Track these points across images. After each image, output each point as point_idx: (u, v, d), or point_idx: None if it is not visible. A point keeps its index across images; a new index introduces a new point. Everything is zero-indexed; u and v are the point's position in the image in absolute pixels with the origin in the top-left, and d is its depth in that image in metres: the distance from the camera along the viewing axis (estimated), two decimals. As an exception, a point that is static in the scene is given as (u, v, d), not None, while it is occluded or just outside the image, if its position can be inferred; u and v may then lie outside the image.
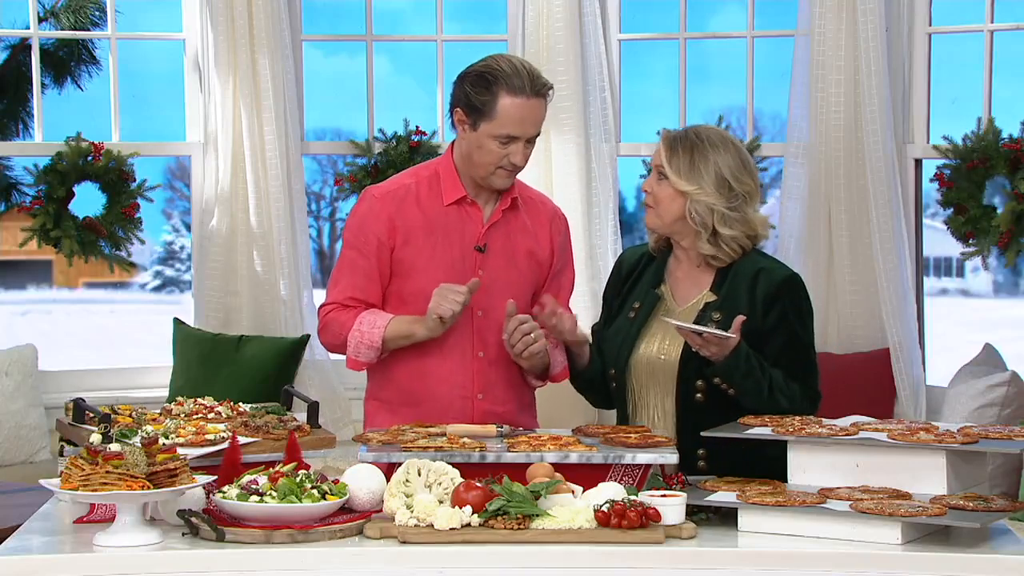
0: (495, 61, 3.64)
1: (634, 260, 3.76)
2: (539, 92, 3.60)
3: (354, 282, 3.72)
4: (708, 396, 3.53)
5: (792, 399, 3.50)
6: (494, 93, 3.58)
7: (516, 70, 3.59)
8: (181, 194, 9.68)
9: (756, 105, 6.10)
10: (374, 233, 3.69)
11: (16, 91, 6.62)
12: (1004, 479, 5.12)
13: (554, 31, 5.84)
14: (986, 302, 19.81)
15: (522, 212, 3.77)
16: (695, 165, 3.54)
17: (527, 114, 3.59)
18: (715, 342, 3.41)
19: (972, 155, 5.63)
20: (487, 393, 3.73)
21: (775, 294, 3.55)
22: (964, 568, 2.87)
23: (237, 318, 5.90)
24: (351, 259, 3.73)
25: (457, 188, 3.71)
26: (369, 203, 3.73)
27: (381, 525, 2.99)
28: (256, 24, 5.77)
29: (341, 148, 6.19)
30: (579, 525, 2.95)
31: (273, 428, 3.36)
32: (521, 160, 3.63)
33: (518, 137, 3.60)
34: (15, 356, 5.77)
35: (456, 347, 3.70)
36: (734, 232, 3.55)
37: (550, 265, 3.82)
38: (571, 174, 5.87)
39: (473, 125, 3.62)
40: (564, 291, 3.87)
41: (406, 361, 3.72)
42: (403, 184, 3.75)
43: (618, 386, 3.66)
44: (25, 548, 2.97)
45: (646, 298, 3.66)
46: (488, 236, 3.72)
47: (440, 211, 3.71)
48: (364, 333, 3.66)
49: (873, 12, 5.60)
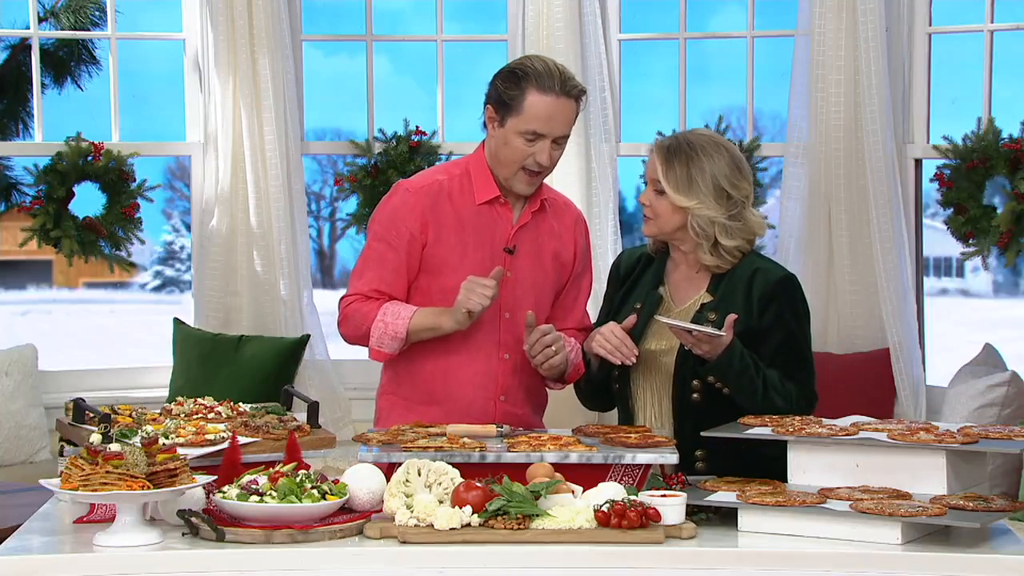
0: (529, 60, 3.67)
1: (632, 261, 3.77)
2: (569, 93, 3.61)
3: (381, 275, 3.70)
4: (704, 396, 3.54)
5: (788, 399, 3.50)
6: (523, 89, 3.59)
7: (548, 69, 3.61)
8: (181, 194, 9.69)
9: (756, 105, 6.10)
10: (407, 227, 3.68)
11: (16, 91, 6.62)
12: (1004, 479, 5.13)
13: (554, 31, 5.84)
14: (986, 302, 19.81)
15: (549, 215, 3.79)
16: (692, 178, 3.53)
17: (555, 112, 3.59)
18: (707, 340, 3.42)
19: (972, 155, 5.63)
20: (509, 395, 3.74)
21: (771, 294, 3.56)
22: (964, 568, 2.87)
23: (237, 318, 5.90)
24: (379, 251, 3.71)
25: (491, 187, 3.71)
26: (403, 196, 3.72)
27: (381, 525, 2.99)
28: (256, 24, 5.77)
29: (341, 148, 6.19)
30: (579, 525, 2.95)
31: (273, 428, 3.36)
32: (546, 159, 3.63)
33: (544, 135, 3.60)
34: (15, 356, 5.77)
35: (482, 348, 3.70)
36: (736, 242, 3.56)
37: (572, 268, 3.83)
38: (571, 174, 5.87)
39: (501, 121, 3.63)
40: (583, 294, 3.89)
41: (430, 359, 3.71)
42: (436, 180, 3.73)
43: (620, 386, 3.66)
44: (25, 548, 2.97)
45: (647, 299, 3.66)
46: (517, 237, 3.73)
47: (472, 210, 3.70)
48: (388, 324, 3.64)
49: (873, 12, 5.60)
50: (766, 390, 3.48)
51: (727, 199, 3.54)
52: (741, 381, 3.47)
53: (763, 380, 3.48)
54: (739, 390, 3.48)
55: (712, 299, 3.59)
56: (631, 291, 3.72)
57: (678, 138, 3.60)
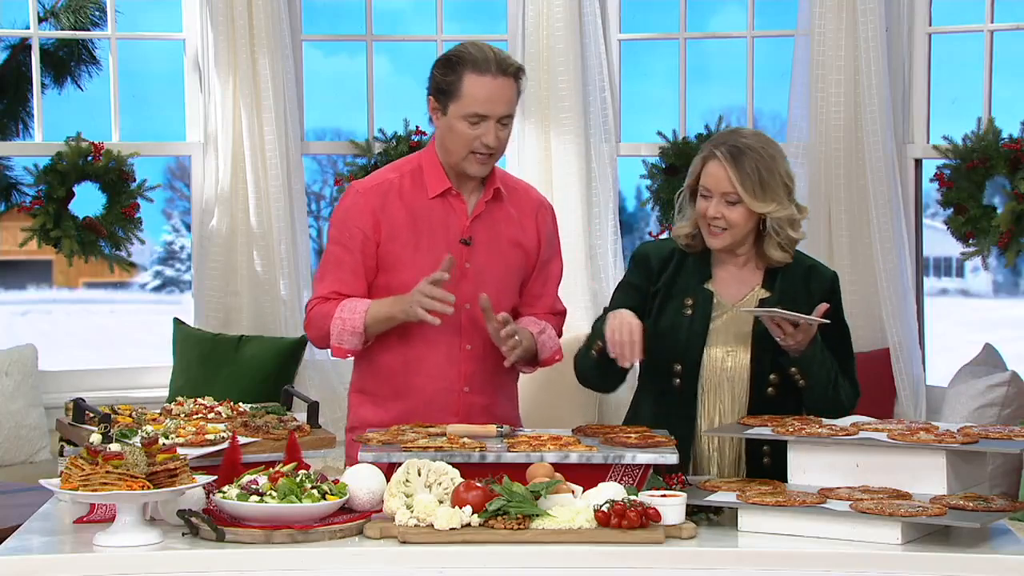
0: (462, 46, 3.69)
1: (664, 254, 3.66)
2: (505, 71, 3.62)
3: (339, 277, 3.73)
4: (779, 390, 3.54)
5: (847, 393, 3.55)
6: (459, 74, 3.61)
7: (483, 52, 3.63)
8: (181, 194, 9.67)
9: (756, 105, 6.10)
10: (358, 228, 3.71)
11: (16, 91, 6.62)
12: (1004, 479, 5.12)
13: (554, 31, 5.84)
14: (986, 302, 19.80)
15: (507, 202, 3.79)
16: (765, 182, 3.47)
17: (493, 92, 3.60)
18: (802, 331, 3.41)
19: (972, 155, 5.62)
20: (473, 385, 3.75)
21: (829, 290, 3.59)
22: (964, 568, 2.87)
23: (237, 318, 5.90)
24: (336, 254, 3.75)
25: (442, 180, 3.72)
26: (353, 198, 3.76)
27: (381, 525, 2.99)
28: (256, 24, 5.77)
29: (341, 148, 6.19)
30: (579, 525, 2.95)
31: (273, 428, 3.36)
32: (493, 140, 3.63)
33: (487, 116, 3.61)
34: (15, 356, 5.76)
35: (443, 341, 3.71)
36: (798, 234, 3.56)
37: (537, 255, 3.83)
38: (571, 174, 5.87)
39: (443, 109, 3.65)
40: (552, 281, 3.89)
41: (393, 354, 3.73)
42: (387, 179, 3.77)
43: (684, 382, 3.58)
44: (25, 548, 2.97)
45: (698, 295, 3.60)
46: (473, 228, 3.74)
47: (424, 205, 3.72)
48: (346, 320, 3.67)
49: (873, 12, 5.60)
50: (836, 384, 3.52)
51: (791, 194, 3.54)
52: (821, 373, 3.49)
53: (835, 373, 3.52)
54: (818, 381, 3.49)
55: (770, 295, 3.57)
56: (671, 286, 3.62)
57: (736, 144, 3.49)
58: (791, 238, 3.55)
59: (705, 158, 3.54)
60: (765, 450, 3.52)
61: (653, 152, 6.06)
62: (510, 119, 3.66)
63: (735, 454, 3.57)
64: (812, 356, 3.47)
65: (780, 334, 3.44)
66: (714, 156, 3.51)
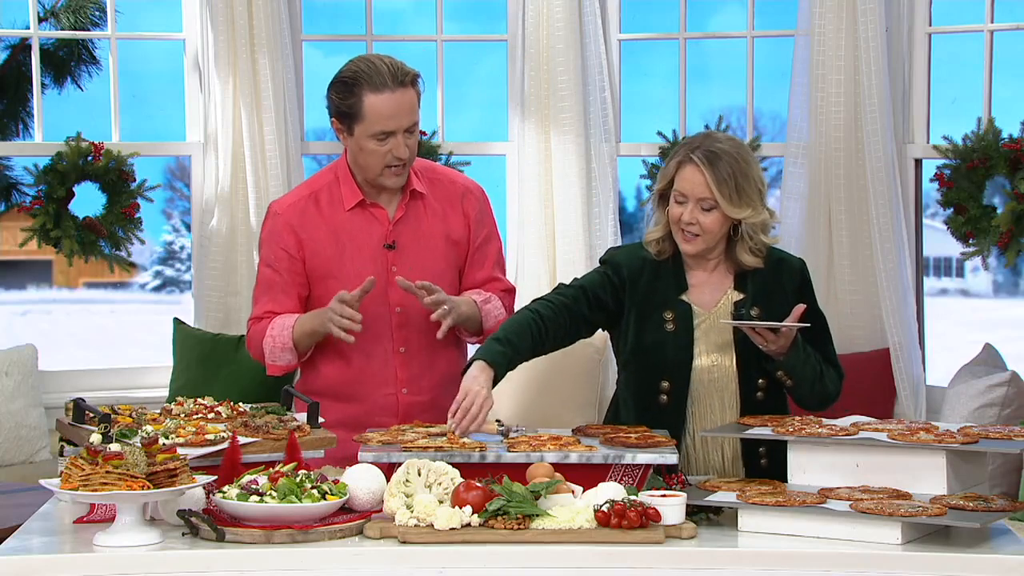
0: (355, 63, 3.70)
1: (636, 262, 3.62)
2: (402, 82, 3.64)
3: (271, 297, 3.82)
4: (768, 393, 3.55)
5: (833, 381, 3.58)
6: (358, 95, 3.64)
7: (375, 68, 3.64)
8: (181, 194, 9.67)
9: (756, 105, 6.09)
10: (281, 248, 3.79)
11: (16, 91, 6.61)
12: (1004, 479, 5.12)
13: (554, 31, 5.83)
14: (986, 302, 19.81)
15: (429, 199, 3.82)
16: (741, 188, 3.47)
17: (395, 107, 3.63)
18: (783, 336, 3.42)
19: (972, 155, 5.62)
20: (411, 386, 3.80)
21: (801, 282, 3.61)
22: (964, 568, 2.87)
23: (237, 318, 5.89)
24: (266, 276, 3.83)
25: (355, 193, 3.78)
26: (272, 220, 3.83)
27: (381, 525, 2.99)
28: (256, 24, 5.77)
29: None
30: (579, 525, 2.95)
31: (273, 428, 3.36)
32: (404, 152, 3.67)
33: (393, 131, 3.64)
34: (15, 356, 5.76)
35: (378, 346, 3.78)
36: (770, 239, 3.56)
37: (468, 241, 3.85)
38: (571, 174, 5.86)
39: (349, 131, 3.69)
40: (490, 260, 3.91)
41: (331, 361, 3.81)
42: (302, 196, 3.83)
43: (673, 396, 3.57)
44: (25, 548, 2.97)
45: (677, 308, 3.57)
46: (396, 233, 3.78)
47: (344, 217, 3.78)
48: (276, 337, 3.76)
49: (873, 12, 5.60)
50: (821, 376, 3.54)
51: (764, 199, 3.53)
52: (806, 371, 3.51)
53: (820, 366, 3.54)
54: (804, 380, 3.52)
55: (743, 296, 3.57)
56: (648, 300, 3.59)
57: (712, 149, 3.47)
58: (763, 243, 3.55)
59: (680, 162, 3.51)
60: (761, 451, 3.53)
61: (653, 152, 6.05)
62: (416, 126, 3.69)
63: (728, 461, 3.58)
64: (795, 357, 3.48)
65: (762, 342, 3.45)
66: (690, 160, 3.48)
